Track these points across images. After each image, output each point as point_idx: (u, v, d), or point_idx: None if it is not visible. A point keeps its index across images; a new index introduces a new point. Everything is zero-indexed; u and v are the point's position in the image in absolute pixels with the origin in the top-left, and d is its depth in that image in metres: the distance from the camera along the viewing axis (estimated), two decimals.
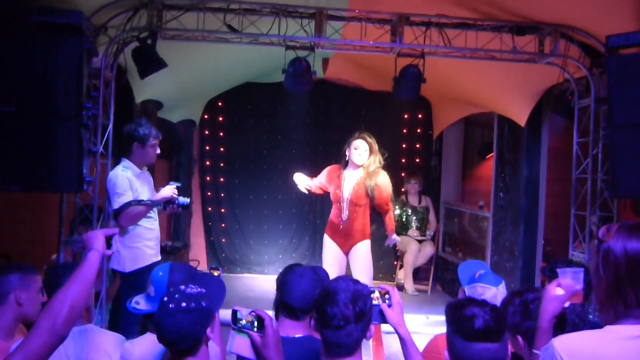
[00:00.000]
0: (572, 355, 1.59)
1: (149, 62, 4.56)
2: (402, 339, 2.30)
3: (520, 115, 6.06)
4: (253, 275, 8.20)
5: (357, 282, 2.14)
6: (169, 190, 4.16)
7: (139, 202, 4.09)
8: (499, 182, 6.70)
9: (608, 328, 1.63)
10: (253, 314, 2.10)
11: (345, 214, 5.07)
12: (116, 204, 4.09)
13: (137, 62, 4.57)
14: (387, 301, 2.31)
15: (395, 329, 2.29)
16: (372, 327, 2.13)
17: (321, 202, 7.85)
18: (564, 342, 1.63)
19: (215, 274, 2.75)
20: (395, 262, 8.06)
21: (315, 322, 2.09)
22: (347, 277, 2.19)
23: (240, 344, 2.11)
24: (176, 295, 2.07)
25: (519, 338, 2.17)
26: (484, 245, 6.97)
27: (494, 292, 2.86)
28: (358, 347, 2.06)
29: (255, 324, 2.09)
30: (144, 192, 4.25)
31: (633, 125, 4.13)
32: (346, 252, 5.11)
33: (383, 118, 8.09)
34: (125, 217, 4.07)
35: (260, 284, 7.66)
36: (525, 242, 6.20)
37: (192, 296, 2.08)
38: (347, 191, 5.08)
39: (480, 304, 2.02)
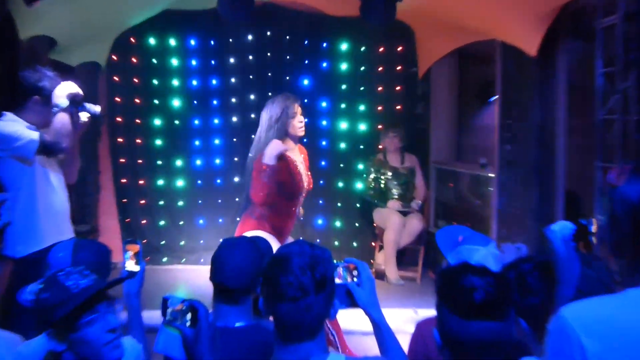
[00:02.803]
0: (587, 326, 1.62)
1: None
2: (375, 324, 2.36)
3: (530, 43, 6.11)
4: (185, 266, 8.25)
5: (314, 245, 2.20)
6: (71, 86, 4.18)
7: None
8: (504, 132, 6.78)
9: (630, 292, 1.68)
10: (186, 303, 2.14)
11: (299, 207, 5.32)
12: (25, 143, 4.12)
13: None
14: (355, 279, 2.37)
15: (366, 311, 2.35)
16: (337, 305, 2.18)
17: None
18: (576, 311, 1.66)
19: (131, 251, 2.79)
20: (372, 243, 8.17)
21: (263, 301, 2.13)
22: (301, 241, 2.28)
23: (169, 341, 2.15)
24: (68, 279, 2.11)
25: (520, 320, 2.25)
26: (488, 215, 7.11)
27: (483, 254, 2.98)
28: (320, 328, 2.11)
29: (188, 316, 2.14)
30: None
31: None
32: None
33: (351, 53, 8.14)
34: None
35: (194, 277, 7.67)
36: (540, 209, 6.31)
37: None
38: (305, 180, 5.24)
39: (480, 270, 2.08)
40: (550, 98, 6.24)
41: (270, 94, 8.07)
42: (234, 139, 8.43)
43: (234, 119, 8.46)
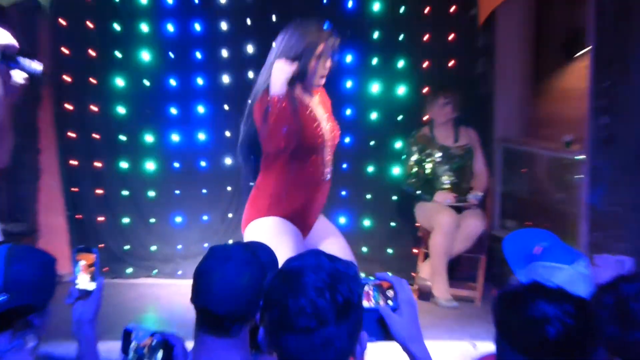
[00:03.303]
0: None
1: None
2: None
3: None
4: (157, 280, 8.35)
5: (334, 257, 2.21)
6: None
7: None
8: (599, 99, 6.75)
9: None
10: (157, 337, 2.15)
11: (327, 169, 5.35)
12: None
13: None
14: (390, 301, 2.36)
15: (404, 346, 2.36)
16: (364, 339, 2.18)
17: None
18: None
19: (85, 261, 2.80)
20: (414, 250, 8.24)
21: (264, 332, 2.13)
22: (318, 251, 2.29)
23: None
24: None
25: None
26: (574, 213, 7.07)
27: (569, 276, 2.99)
28: None
29: (159, 356, 2.15)
30: None
31: None
32: (305, 237, 5.40)
33: None
34: None
35: (169, 295, 7.76)
36: None
37: None
38: (326, 129, 5.33)
39: (556, 294, 2.09)
40: None
41: (274, 44, 8.12)
42: (225, 106, 8.47)
43: (225, 78, 8.47)
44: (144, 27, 8.31)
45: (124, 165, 8.43)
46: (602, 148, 6.77)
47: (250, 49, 8.43)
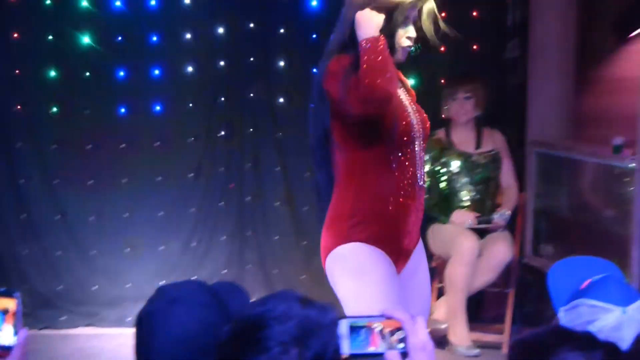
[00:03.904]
0: None
1: None
2: None
3: None
4: (100, 330, 8.47)
5: (309, 301, 2.33)
6: None
7: None
8: None
9: None
10: None
11: (421, 172, 5.15)
12: None
13: None
14: (399, 345, 2.47)
15: None
16: None
17: (261, 149, 8.64)
18: None
19: (4, 308, 2.82)
20: None
21: None
22: (289, 293, 2.41)
23: None
24: None
25: None
26: (626, 235, 6.98)
27: (617, 318, 3.04)
28: None
29: None
30: None
31: None
32: (401, 268, 5.18)
33: None
34: None
35: (116, 348, 7.74)
36: None
37: None
38: (413, 115, 5.15)
39: (582, 341, 2.23)
40: None
41: (251, 24, 8.43)
42: (189, 104, 8.66)
43: (190, 68, 8.69)
44: (84, 2, 8.43)
45: (55, 181, 8.61)
46: None
47: (220, 30, 8.61)
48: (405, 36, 4.94)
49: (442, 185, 7.96)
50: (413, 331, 2.39)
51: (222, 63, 8.59)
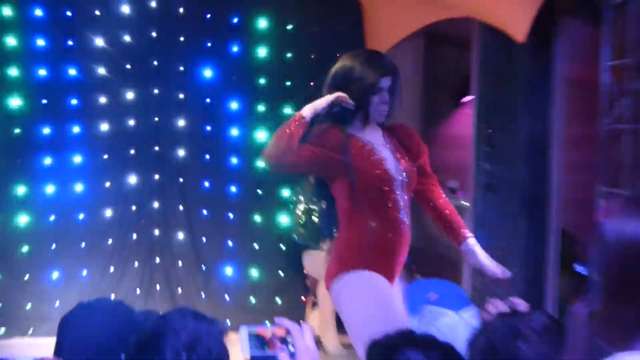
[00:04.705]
0: None
1: None
2: None
3: (517, 24, 6.74)
4: (35, 339, 9.33)
5: (201, 316, 2.60)
6: None
7: None
8: (482, 145, 7.71)
9: (620, 357, 2.12)
10: None
11: (404, 210, 5.55)
12: None
13: None
14: (289, 348, 2.69)
15: None
16: None
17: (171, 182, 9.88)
18: None
19: None
20: (303, 298, 9.64)
21: None
22: (185, 309, 2.68)
23: None
24: None
25: None
26: (458, 259, 8.08)
27: (453, 321, 3.51)
28: None
29: None
30: None
31: None
32: None
33: (272, 33, 9.58)
34: None
35: (48, 355, 7.85)
36: (529, 248, 7.28)
37: None
38: (394, 166, 5.50)
39: (423, 341, 2.47)
40: (543, 100, 7.19)
41: (156, 91, 9.52)
42: (104, 156, 9.72)
43: (103, 126, 9.69)
44: (13, 72, 9.50)
45: None
46: (485, 194, 7.75)
47: (128, 95, 9.72)
48: (382, 103, 5.39)
49: (315, 219, 8.76)
50: (299, 336, 2.63)
51: (131, 122, 9.64)
